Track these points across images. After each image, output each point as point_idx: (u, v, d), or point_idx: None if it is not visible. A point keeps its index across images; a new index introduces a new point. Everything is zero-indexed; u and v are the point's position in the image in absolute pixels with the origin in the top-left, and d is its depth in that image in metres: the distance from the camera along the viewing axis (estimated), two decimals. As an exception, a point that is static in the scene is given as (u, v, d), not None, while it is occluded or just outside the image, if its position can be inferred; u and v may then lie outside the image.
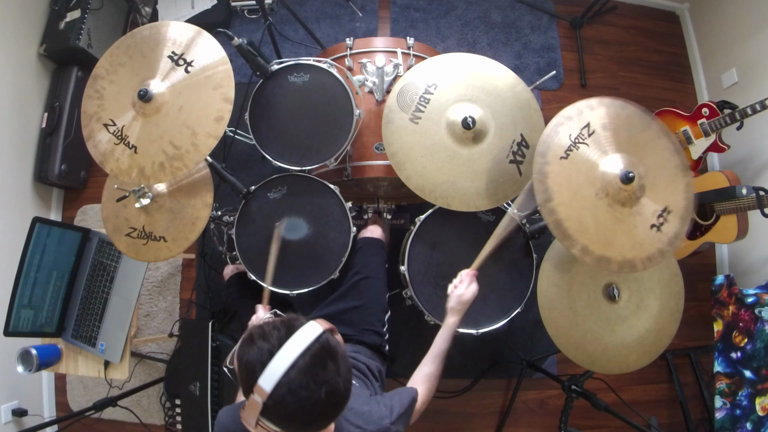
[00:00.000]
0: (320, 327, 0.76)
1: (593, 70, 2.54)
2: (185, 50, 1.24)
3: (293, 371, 0.69)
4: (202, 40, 1.25)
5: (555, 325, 1.32)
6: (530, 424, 2.11)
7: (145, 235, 1.44)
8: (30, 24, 2.22)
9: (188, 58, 1.24)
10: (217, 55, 1.23)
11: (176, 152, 1.20)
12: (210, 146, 1.20)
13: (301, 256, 1.42)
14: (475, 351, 2.12)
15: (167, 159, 1.20)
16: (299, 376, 0.69)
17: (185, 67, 1.23)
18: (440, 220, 1.43)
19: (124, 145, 1.23)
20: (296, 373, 0.69)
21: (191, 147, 1.19)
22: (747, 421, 1.72)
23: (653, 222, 1.16)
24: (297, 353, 0.71)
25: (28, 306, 1.58)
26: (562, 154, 1.15)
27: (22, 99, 2.18)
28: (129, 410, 1.88)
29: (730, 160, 2.27)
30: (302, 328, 0.74)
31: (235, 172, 1.97)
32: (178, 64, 1.24)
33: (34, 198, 2.25)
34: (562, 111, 1.18)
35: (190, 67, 1.23)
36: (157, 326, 2.22)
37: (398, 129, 1.32)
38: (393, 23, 2.55)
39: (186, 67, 1.23)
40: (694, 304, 2.17)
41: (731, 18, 2.32)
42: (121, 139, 1.23)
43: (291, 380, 0.69)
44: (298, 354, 0.71)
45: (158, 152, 1.21)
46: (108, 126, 1.24)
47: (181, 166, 1.20)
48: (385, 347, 1.41)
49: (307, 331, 0.74)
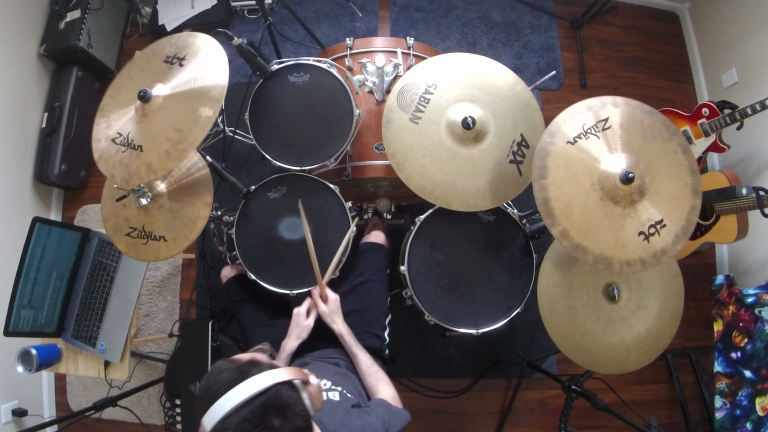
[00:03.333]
0: (274, 379, 0.72)
1: (593, 70, 2.54)
2: (177, 51, 1.28)
3: (230, 419, 0.68)
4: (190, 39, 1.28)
5: (555, 325, 1.32)
6: (530, 424, 2.11)
7: (145, 234, 1.44)
8: (30, 24, 2.22)
9: (180, 55, 1.26)
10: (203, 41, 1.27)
11: (179, 135, 1.20)
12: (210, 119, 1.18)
13: (301, 256, 1.42)
14: (475, 351, 2.13)
15: (172, 145, 1.20)
16: (235, 427, 0.67)
17: (179, 62, 1.26)
18: (440, 220, 1.43)
19: (131, 149, 1.24)
20: (233, 423, 0.68)
21: (193, 126, 1.20)
22: (747, 421, 1.72)
23: (643, 230, 1.15)
24: (237, 403, 0.68)
25: (28, 306, 1.58)
26: (570, 139, 1.16)
27: (22, 99, 2.18)
28: (129, 410, 1.88)
29: (730, 160, 2.27)
30: (253, 378, 0.71)
31: (235, 172, 1.97)
32: (172, 63, 1.26)
33: (34, 198, 2.25)
34: (585, 101, 1.19)
35: (183, 61, 1.26)
36: (157, 326, 2.22)
37: (398, 129, 1.32)
38: (393, 23, 2.55)
39: (180, 62, 1.26)
40: (694, 304, 2.17)
41: (731, 18, 2.32)
42: (127, 145, 1.24)
43: (226, 428, 0.67)
44: (237, 404, 0.68)
45: (162, 142, 1.21)
46: (114, 140, 1.26)
47: (186, 146, 1.19)
48: (384, 351, 1.41)
49: (256, 381, 0.71)
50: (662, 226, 1.16)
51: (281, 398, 0.71)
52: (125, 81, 1.32)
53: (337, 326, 1.28)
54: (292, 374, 0.75)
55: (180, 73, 1.25)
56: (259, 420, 0.68)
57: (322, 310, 1.29)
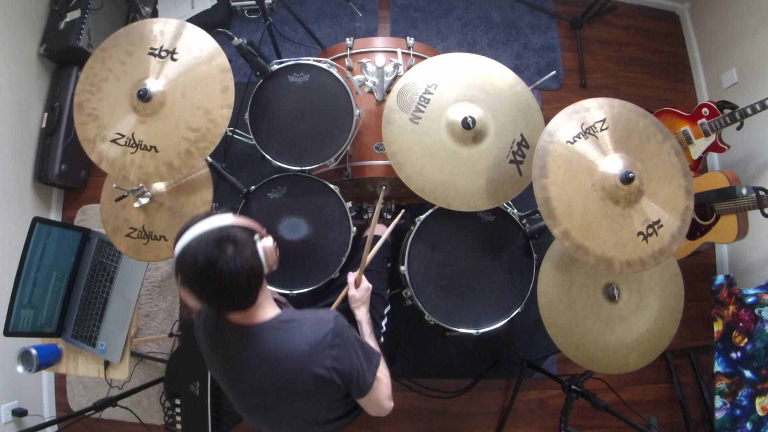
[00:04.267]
0: (227, 222, 0.95)
1: (593, 70, 2.54)
2: (162, 42, 1.26)
3: (193, 242, 0.90)
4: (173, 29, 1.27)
5: (555, 325, 1.32)
6: (530, 424, 2.11)
7: (145, 234, 1.44)
8: (30, 24, 2.22)
9: (169, 48, 1.25)
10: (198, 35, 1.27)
11: (197, 134, 1.21)
12: (227, 117, 1.22)
13: (301, 256, 1.42)
14: (475, 351, 2.13)
15: (191, 144, 1.21)
16: (196, 247, 0.90)
17: (170, 56, 1.25)
18: (440, 220, 1.43)
19: (142, 149, 1.23)
20: (195, 244, 0.90)
21: (210, 124, 1.21)
22: (747, 421, 1.72)
23: (641, 230, 1.15)
24: (200, 231, 0.91)
25: (28, 306, 1.58)
26: (569, 139, 1.16)
27: (22, 99, 2.18)
28: (129, 410, 1.88)
29: (730, 160, 2.27)
30: (213, 217, 0.95)
31: (235, 172, 1.97)
32: (161, 56, 1.25)
33: (34, 198, 2.25)
34: (583, 101, 1.20)
35: (175, 54, 1.25)
36: (157, 326, 2.22)
37: (398, 129, 1.32)
38: (393, 23, 2.55)
39: (171, 56, 1.25)
40: (694, 304, 2.17)
41: (731, 18, 2.32)
42: (136, 146, 1.23)
43: (188, 248, 0.90)
44: (201, 232, 0.91)
45: (179, 141, 1.21)
46: (117, 140, 1.24)
47: (207, 144, 1.21)
48: (380, 339, 1.42)
49: (216, 220, 0.94)
50: (659, 226, 1.16)
51: (236, 235, 0.93)
52: (104, 74, 1.27)
53: (360, 312, 1.30)
54: (250, 224, 0.99)
55: (175, 68, 1.24)
56: (216, 245, 0.90)
57: (351, 293, 1.30)
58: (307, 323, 1.02)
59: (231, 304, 0.97)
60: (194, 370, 1.54)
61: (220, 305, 0.97)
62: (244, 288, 0.94)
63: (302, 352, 0.97)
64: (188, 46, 1.26)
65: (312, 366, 0.97)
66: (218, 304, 0.96)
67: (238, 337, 1.01)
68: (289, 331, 1.00)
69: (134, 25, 1.29)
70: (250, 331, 1.00)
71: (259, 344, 0.99)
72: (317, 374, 0.97)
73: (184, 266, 0.91)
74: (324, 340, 0.98)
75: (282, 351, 0.98)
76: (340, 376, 1.00)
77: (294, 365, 0.97)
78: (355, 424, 1.25)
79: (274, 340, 0.99)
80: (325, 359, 0.98)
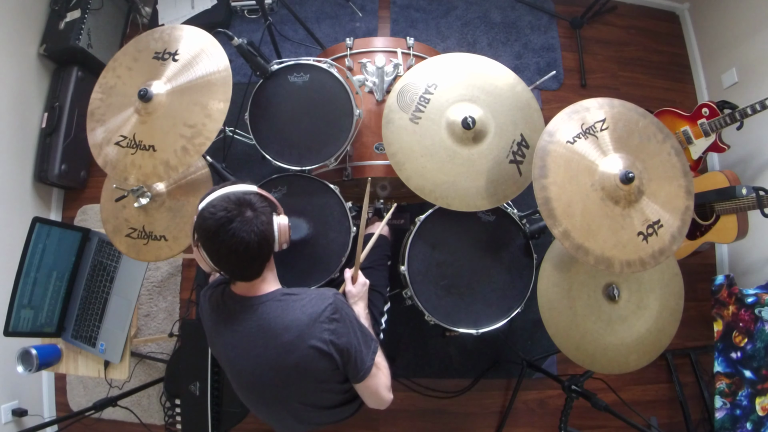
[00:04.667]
0: (251, 189, 1.05)
1: (593, 70, 2.54)
2: (166, 46, 1.27)
3: (216, 199, 0.99)
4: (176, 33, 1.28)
5: (555, 325, 1.32)
6: (530, 424, 2.11)
7: (145, 234, 1.43)
8: (30, 24, 2.22)
9: (171, 50, 1.26)
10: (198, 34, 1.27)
11: (194, 130, 1.21)
12: (223, 111, 1.21)
13: (301, 256, 1.42)
14: (475, 351, 2.13)
15: (188, 140, 1.20)
16: (218, 203, 0.97)
17: (171, 58, 1.26)
18: (440, 220, 1.43)
19: (141, 150, 1.23)
20: (218, 201, 0.98)
21: (206, 119, 1.21)
22: (747, 421, 1.72)
23: (641, 230, 1.15)
24: (225, 191, 1.01)
25: (28, 306, 1.58)
26: (569, 139, 1.16)
27: (22, 99, 2.18)
28: (129, 410, 1.88)
29: (730, 160, 2.27)
30: (239, 184, 1.05)
31: (235, 172, 1.96)
32: (164, 59, 1.26)
33: (34, 198, 2.25)
34: (583, 101, 1.20)
35: (177, 56, 1.25)
36: (157, 326, 2.22)
37: (398, 129, 1.32)
38: (393, 23, 2.55)
39: (173, 57, 1.26)
40: (694, 304, 2.17)
41: (731, 18, 2.32)
42: (136, 147, 1.24)
43: (211, 204, 0.98)
44: (226, 191, 1.01)
45: (176, 139, 1.21)
46: (120, 143, 1.25)
47: (203, 140, 1.20)
48: (379, 335, 1.42)
49: (241, 186, 1.04)
50: (659, 226, 1.16)
51: (256, 202, 1.02)
52: (113, 81, 1.30)
53: (358, 308, 1.29)
54: (272, 198, 1.11)
55: (176, 68, 1.24)
56: (236, 206, 0.97)
57: (349, 289, 1.30)
58: (308, 297, 1.04)
59: (239, 270, 1.02)
60: (194, 370, 1.54)
61: (228, 268, 1.02)
62: (254, 253, 0.99)
63: (301, 323, 1.00)
64: (189, 46, 1.26)
65: (310, 338, 0.99)
66: (228, 266, 1.01)
67: (241, 308, 1.05)
68: (290, 303, 1.03)
69: (144, 34, 1.31)
70: (252, 302, 1.04)
71: (260, 315, 1.02)
72: (315, 346, 0.99)
73: (203, 220, 0.97)
74: (323, 313, 1.00)
75: (281, 322, 1.00)
76: (338, 352, 1.01)
77: (292, 336, 0.99)
78: (355, 424, 1.25)
79: (275, 311, 1.02)
80: (323, 332, 1.00)
